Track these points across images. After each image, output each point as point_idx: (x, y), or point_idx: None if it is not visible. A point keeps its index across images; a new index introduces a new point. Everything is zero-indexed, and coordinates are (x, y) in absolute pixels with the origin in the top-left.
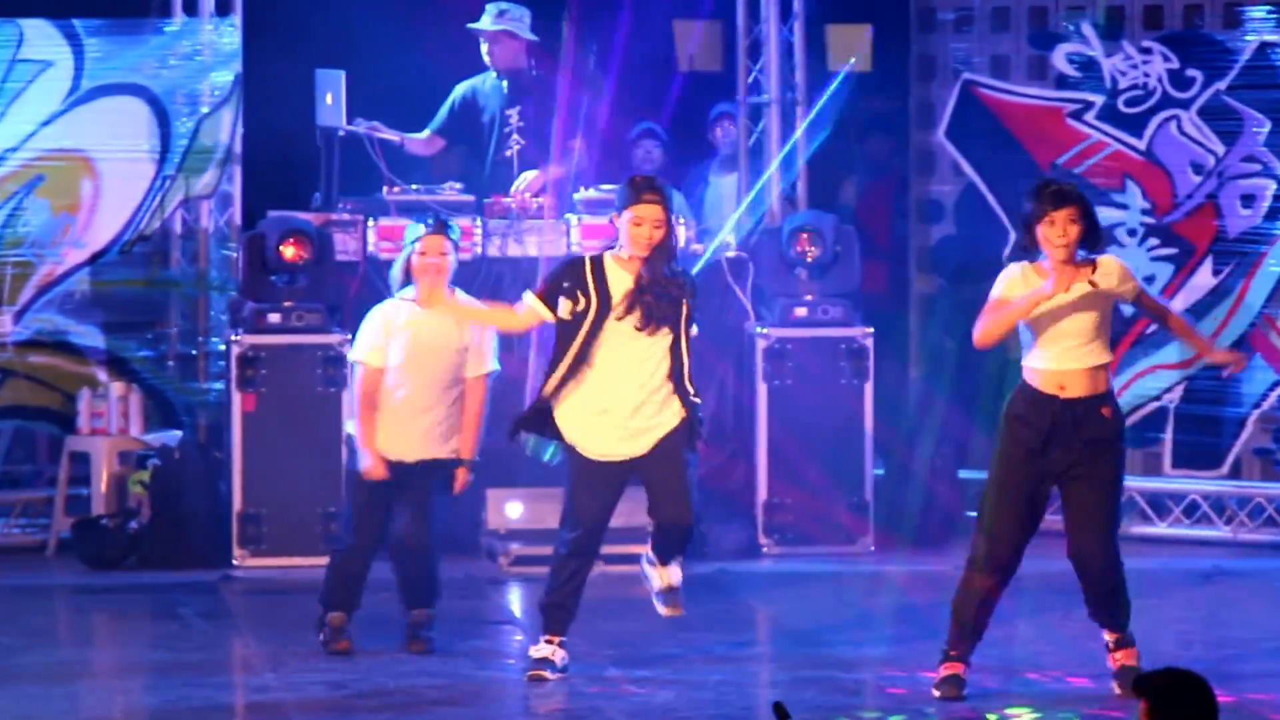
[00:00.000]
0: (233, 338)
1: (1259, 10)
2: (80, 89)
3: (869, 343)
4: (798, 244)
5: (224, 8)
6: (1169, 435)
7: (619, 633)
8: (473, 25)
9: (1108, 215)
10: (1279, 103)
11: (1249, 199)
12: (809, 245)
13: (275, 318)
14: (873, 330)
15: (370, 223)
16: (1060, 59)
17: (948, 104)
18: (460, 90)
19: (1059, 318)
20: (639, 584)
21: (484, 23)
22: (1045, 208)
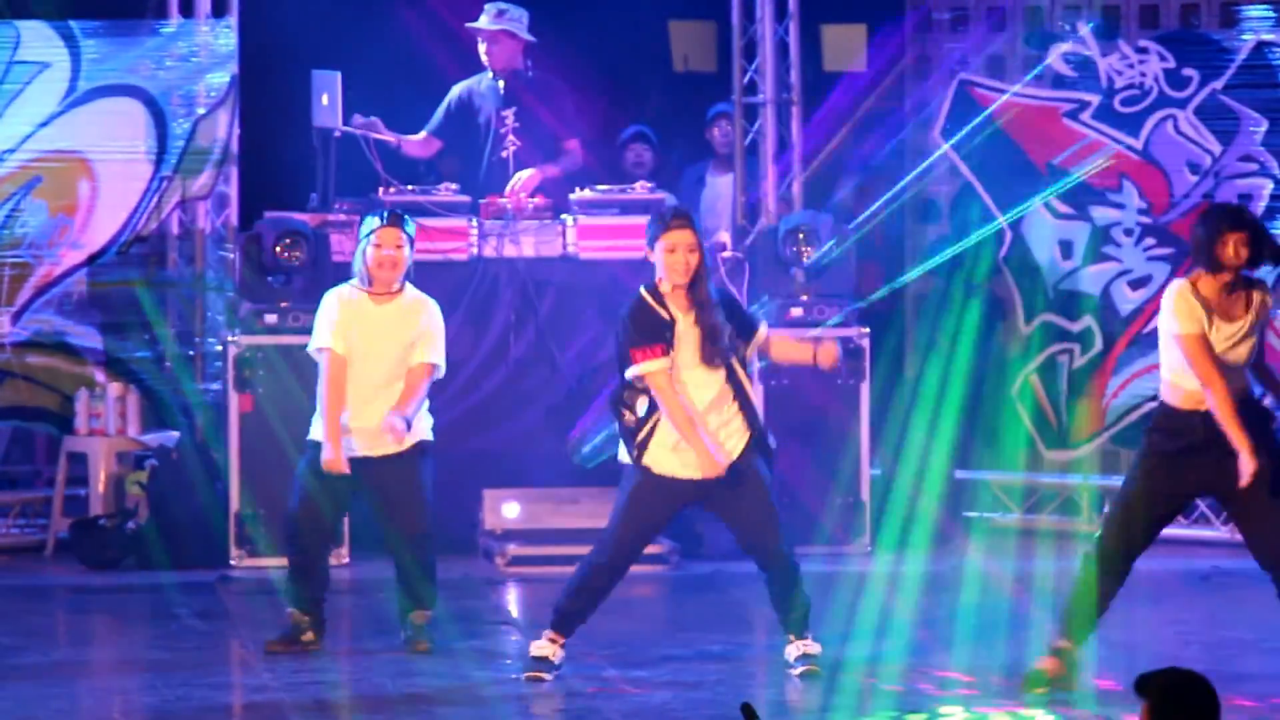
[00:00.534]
0: (230, 338)
1: (1256, 9)
2: (77, 90)
3: (865, 343)
4: (793, 244)
5: (220, 9)
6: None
7: (616, 633)
8: (471, 25)
9: (1104, 215)
10: (1276, 102)
11: (1246, 198)
12: (804, 245)
13: (272, 318)
14: (869, 330)
15: None
16: (1056, 59)
17: (943, 103)
18: (456, 91)
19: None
20: (636, 584)
21: (482, 22)
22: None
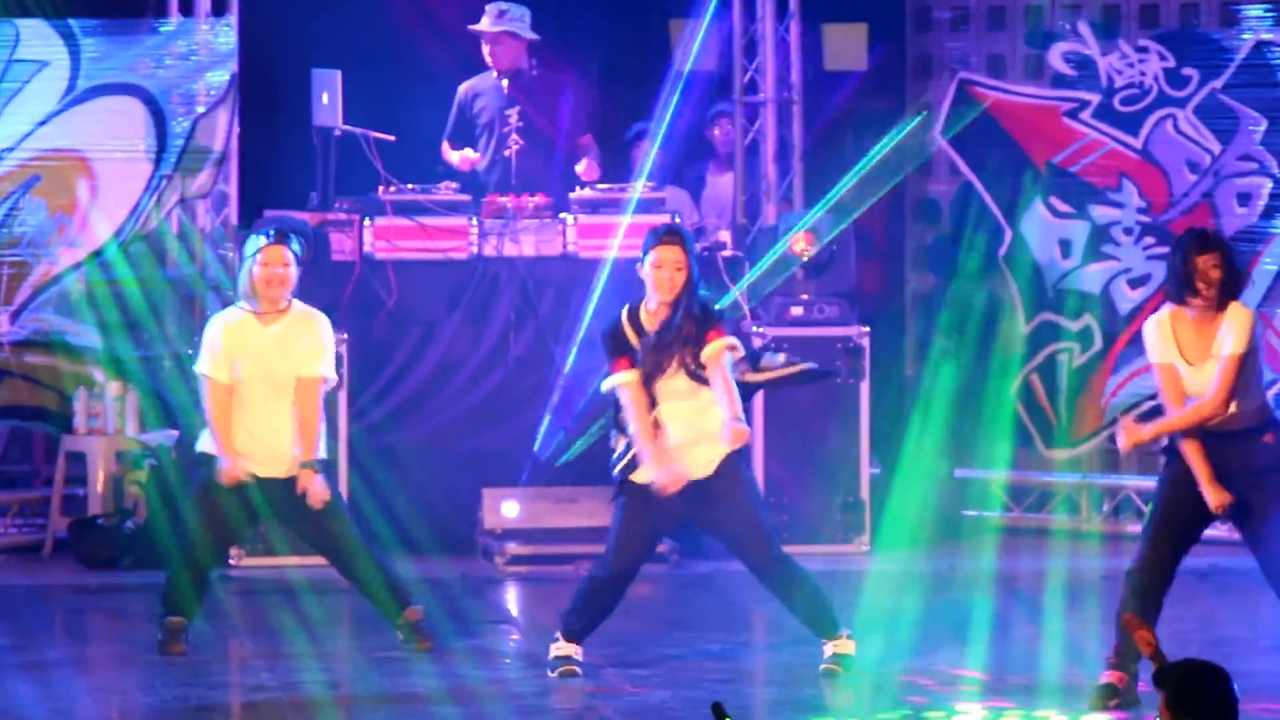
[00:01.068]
0: None
1: (1255, 9)
2: (76, 89)
3: (865, 342)
4: (794, 243)
5: (220, 7)
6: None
7: (616, 632)
8: (474, 27)
9: (1103, 214)
10: (1275, 101)
11: (1245, 197)
12: (805, 244)
13: None
14: (869, 329)
15: (366, 222)
16: (1056, 58)
17: (944, 103)
18: (462, 90)
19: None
20: (636, 584)
21: (484, 23)
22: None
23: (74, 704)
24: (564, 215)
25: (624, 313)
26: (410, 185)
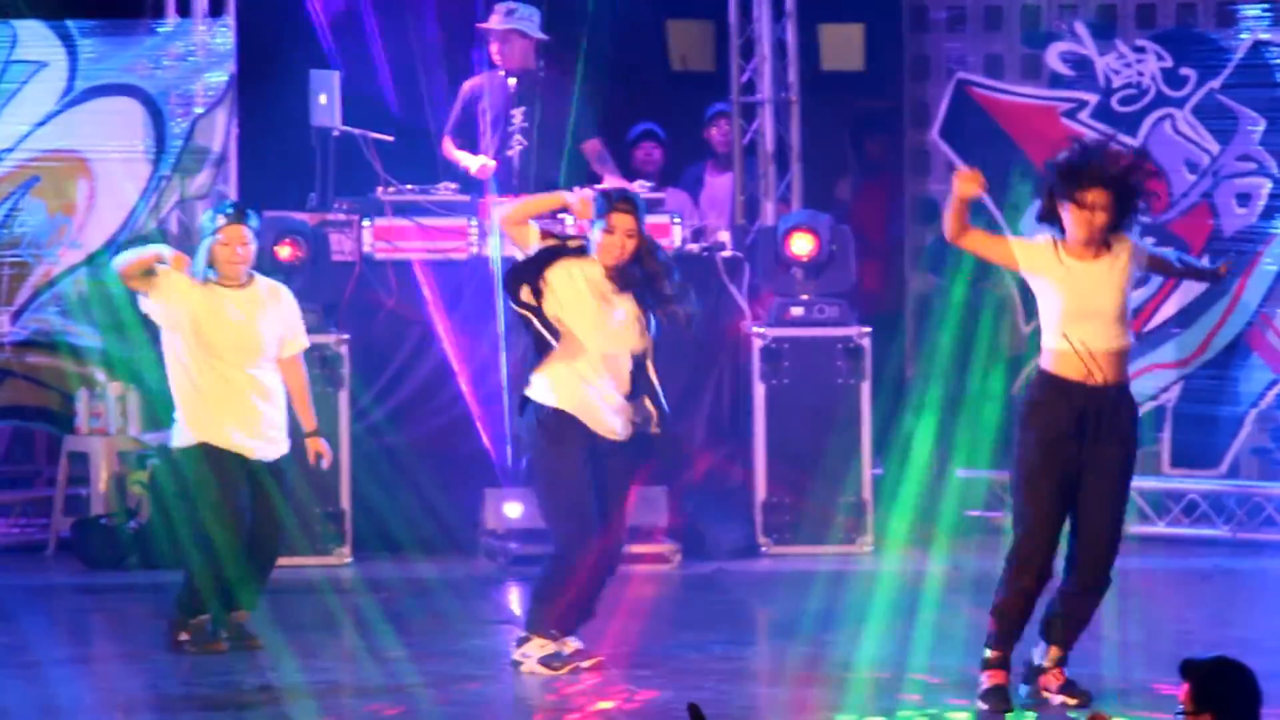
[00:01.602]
0: None
1: (1253, 8)
2: (75, 90)
3: (866, 342)
4: (793, 243)
5: (217, 8)
6: (1167, 434)
7: (617, 632)
8: (485, 26)
9: None
10: (1274, 101)
11: (1244, 198)
12: (804, 245)
13: None
14: (869, 330)
15: (365, 223)
16: (1054, 58)
17: (941, 103)
18: (466, 87)
19: (1086, 292)
20: (637, 584)
21: (493, 22)
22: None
23: (78, 703)
24: (563, 215)
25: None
26: (409, 186)
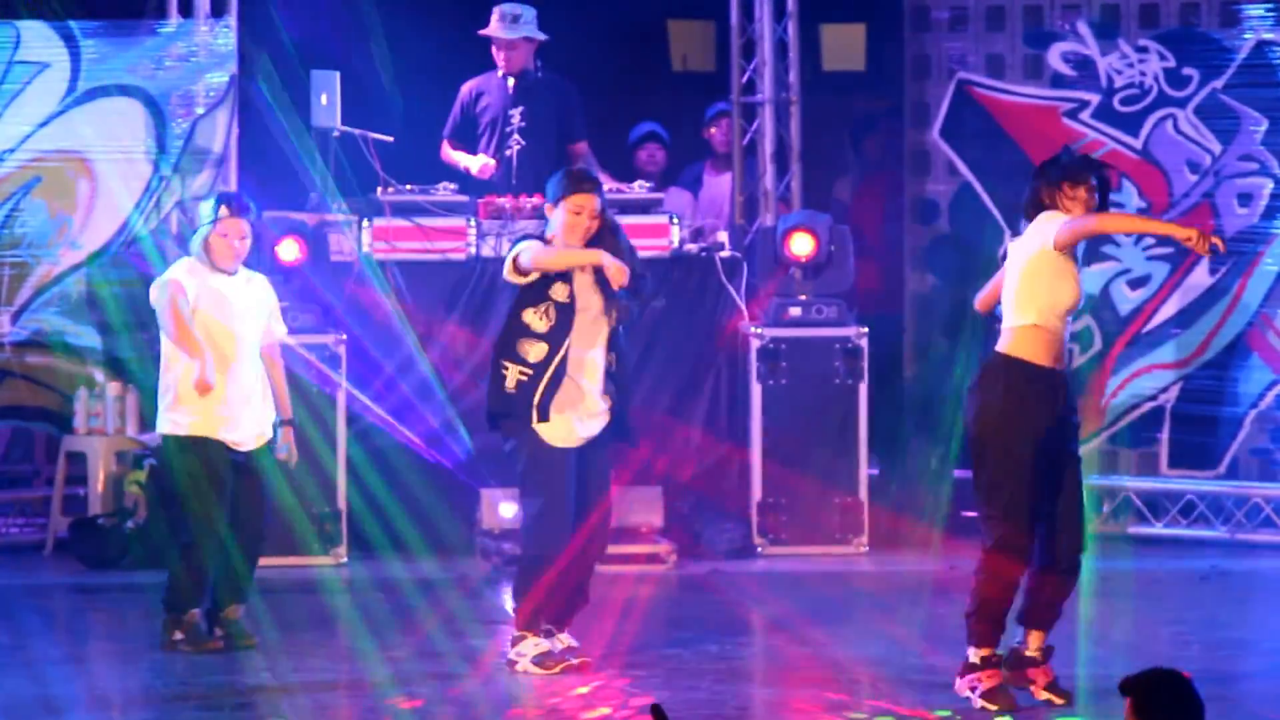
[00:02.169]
0: None
1: (1256, 8)
2: (77, 90)
3: (863, 342)
4: (792, 243)
5: (219, 9)
6: (1165, 435)
7: (614, 633)
8: (489, 33)
9: None
10: (1276, 101)
11: (1246, 198)
12: (803, 245)
13: None
14: (867, 330)
15: (365, 223)
16: (1056, 58)
17: (942, 103)
18: (465, 89)
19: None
20: (634, 585)
21: (497, 29)
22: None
23: (74, 702)
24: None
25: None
26: (409, 186)
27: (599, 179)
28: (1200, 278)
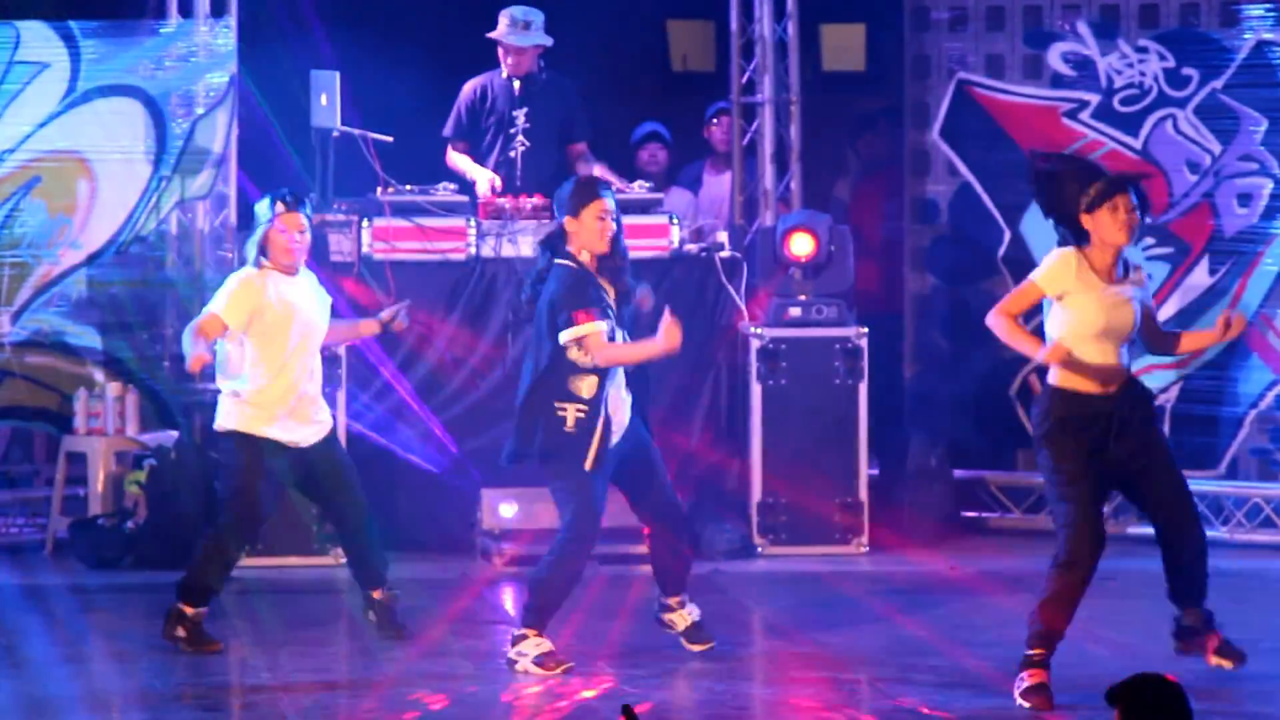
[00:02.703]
0: None
1: (1256, 8)
2: (76, 90)
3: (863, 343)
4: (792, 243)
5: (219, 9)
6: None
7: (615, 633)
8: (501, 38)
9: None
10: (1276, 101)
11: (1245, 198)
12: (803, 245)
13: None
14: (867, 330)
15: (365, 223)
16: (1055, 58)
17: (942, 103)
18: (468, 89)
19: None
20: (635, 585)
21: (506, 34)
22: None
23: (74, 703)
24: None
25: (577, 268)
26: (408, 186)
27: (607, 180)
28: (1200, 278)
